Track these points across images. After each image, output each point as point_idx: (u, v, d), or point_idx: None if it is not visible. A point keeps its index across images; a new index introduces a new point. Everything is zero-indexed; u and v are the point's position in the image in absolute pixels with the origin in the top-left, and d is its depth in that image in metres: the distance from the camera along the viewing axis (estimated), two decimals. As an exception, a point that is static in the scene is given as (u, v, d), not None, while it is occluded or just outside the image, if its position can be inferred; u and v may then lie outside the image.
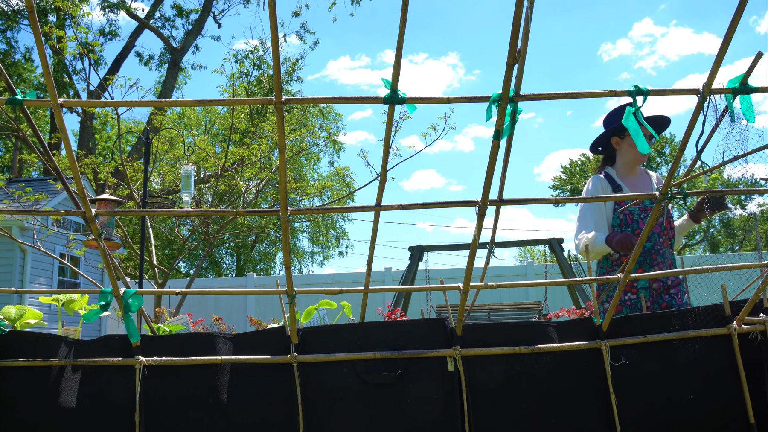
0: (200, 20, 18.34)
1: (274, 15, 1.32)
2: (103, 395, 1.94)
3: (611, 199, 2.84)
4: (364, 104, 18.24)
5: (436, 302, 11.88)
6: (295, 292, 1.88)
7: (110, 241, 4.96)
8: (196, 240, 10.35)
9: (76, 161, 1.65)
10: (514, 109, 1.50)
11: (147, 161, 7.28)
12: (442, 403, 1.91)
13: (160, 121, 10.27)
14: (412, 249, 10.42)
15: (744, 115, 1.53)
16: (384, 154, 1.67)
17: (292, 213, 1.72)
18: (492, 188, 1.63)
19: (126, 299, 1.89)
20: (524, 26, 1.34)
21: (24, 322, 2.22)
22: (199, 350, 1.97)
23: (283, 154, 1.60)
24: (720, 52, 1.41)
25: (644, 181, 3.22)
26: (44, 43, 1.40)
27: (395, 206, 1.71)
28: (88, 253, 11.28)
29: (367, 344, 1.97)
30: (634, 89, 1.51)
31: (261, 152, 9.47)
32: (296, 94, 19.05)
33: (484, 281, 2.03)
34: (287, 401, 1.93)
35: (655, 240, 3.02)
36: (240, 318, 13.62)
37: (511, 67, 1.40)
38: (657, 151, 30.35)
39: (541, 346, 1.95)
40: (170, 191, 10.77)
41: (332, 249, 29.57)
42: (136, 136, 14.64)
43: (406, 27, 1.39)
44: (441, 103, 1.53)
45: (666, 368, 1.94)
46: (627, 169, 3.20)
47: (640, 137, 1.57)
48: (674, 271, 1.98)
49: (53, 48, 7.48)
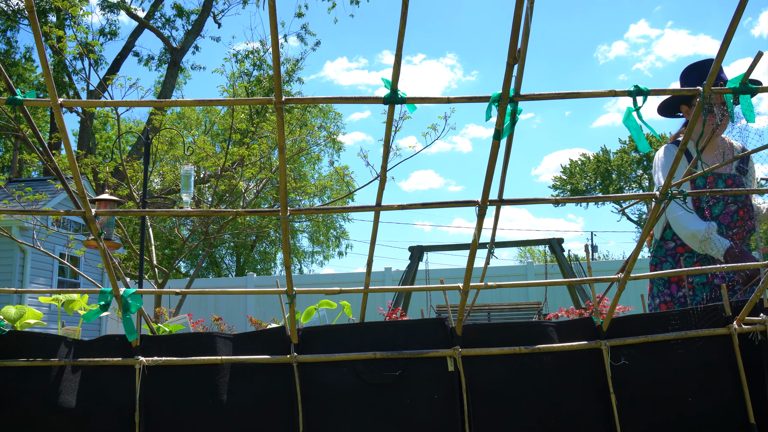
0: (200, 20, 18.33)
1: (274, 15, 1.32)
2: (103, 395, 1.94)
3: (608, 199, 2.82)
4: (363, 105, 18.17)
5: (436, 302, 11.87)
6: (295, 292, 1.88)
7: (110, 241, 4.96)
8: (196, 240, 10.35)
9: (76, 161, 1.65)
10: (514, 109, 1.50)
11: (147, 161, 7.28)
12: (442, 403, 1.91)
13: (160, 121, 10.27)
14: (412, 249, 10.42)
15: (744, 115, 1.53)
16: (384, 154, 1.67)
17: (292, 213, 1.72)
18: (492, 188, 1.63)
19: (126, 299, 1.89)
20: (524, 26, 1.34)
21: (24, 322, 2.22)
22: (199, 350, 1.97)
23: (283, 154, 1.60)
24: (720, 52, 1.41)
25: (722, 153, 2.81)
26: (44, 43, 1.40)
27: (395, 206, 1.71)
28: (88, 253, 11.28)
29: (367, 344, 1.97)
30: (634, 89, 1.51)
31: (261, 152, 9.47)
32: (296, 94, 19.04)
33: (484, 281, 2.03)
34: (287, 401, 1.93)
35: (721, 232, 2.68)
36: (240, 318, 13.61)
37: (511, 67, 1.40)
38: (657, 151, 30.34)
39: (541, 346, 1.95)
40: (170, 191, 10.77)
41: (332, 249, 29.57)
42: (136, 136, 14.65)
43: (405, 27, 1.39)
44: (441, 102, 1.53)
45: (666, 368, 1.94)
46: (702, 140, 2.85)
47: (641, 138, 1.57)
48: (674, 272, 1.98)
49: (53, 48, 7.49)
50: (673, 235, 2.77)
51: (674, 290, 2.72)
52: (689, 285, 2.68)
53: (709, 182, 2.74)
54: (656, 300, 2.76)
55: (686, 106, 2.82)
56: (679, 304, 2.68)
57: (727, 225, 2.68)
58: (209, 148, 10.43)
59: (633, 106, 1.54)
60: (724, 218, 2.69)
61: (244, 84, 15.02)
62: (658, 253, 2.80)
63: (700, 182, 2.74)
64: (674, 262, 2.73)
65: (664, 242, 2.79)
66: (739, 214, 2.70)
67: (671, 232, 2.77)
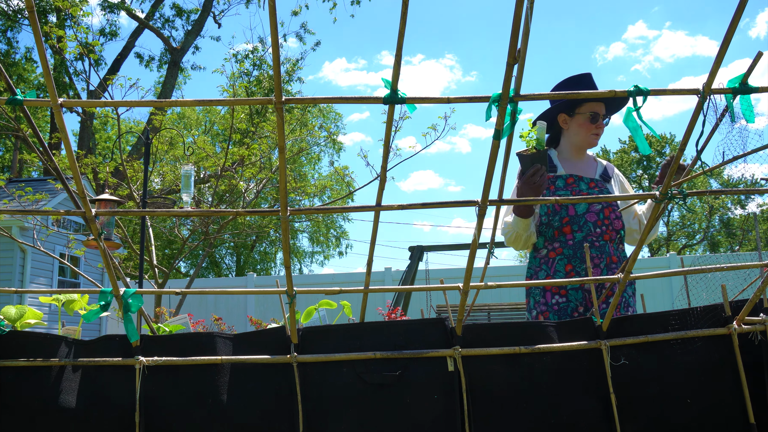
0: (200, 20, 18.34)
1: (274, 15, 1.32)
2: (103, 395, 1.94)
3: (608, 199, 2.81)
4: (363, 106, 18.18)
5: (436, 302, 11.88)
6: (295, 292, 1.88)
7: (110, 241, 4.96)
8: (196, 240, 10.35)
9: (76, 161, 1.65)
10: (514, 109, 1.50)
11: (147, 161, 7.28)
12: (442, 403, 1.91)
13: (160, 121, 10.27)
14: (412, 249, 10.43)
15: (744, 115, 1.53)
16: (384, 154, 1.67)
17: (292, 213, 1.72)
18: (492, 188, 1.63)
19: (126, 299, 1.89)
20: (524, 26, 1.34)
21: (24, 322, 2.22)
22: (199, 350, 1.97)
23: (283, 154, 1.60)
24: (720, 51, 1.41)
25: (590, 168, 2.83)
26: (44, 43, 1.40)
27: (395, 206, 1.71)
28: (88, 253, 11.29)
29: (366, 344, 1.97)
30: (634, 89, 1.51)
31: (261, 152, 9.48)
32: (296, 94, 19.05)
33: (484, 281, 2.03)
34: (287, 401, 1.93)
35: (588, 230, 2.66)
36: (240, 318, 13.62)
37: (511, 67, 1.40)
38: (657, 151, 30.35)
39: (541, 346, 1.95)
40: (170, 191, 10.77)
41: (332, 249, 29.59)
42: (136, 136, 14.65)
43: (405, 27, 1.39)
44: (441, 103, 1.53)
45: (666, 368, 1.94)
46: (573, 153, 2.81)
47: (641, 137, 1.57)
48: (676, 271, 1.98)
49: (53, 48, 7.49)
50: (544, 242, 2.72)
51: (549, 298, 2.67)
52: (563, 291, 2.64)
53: (570, 183, 2.73)
54: (533, 312, 2.71)
55: (565, 115, 2.79)
56: (553, 312, 2.64)
57: (594, 223, 2.67)
58: (209, 148, 10.43)
59: (633, 106, 1.54)
60: (591, 216, 2.67)
61: (244, 84, 15.03)
62: (533, 264, 2.77)
63: (560, 183, 2.73)
64: (548, 269, 2.68)
65: (537, 251, 2.75)
66: (605, 213, 2.69)
67: (542, 240, 2.72)
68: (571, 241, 2.67)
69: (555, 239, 2.70)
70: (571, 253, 2.65)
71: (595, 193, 2.74)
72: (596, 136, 2.77)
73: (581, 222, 2.67)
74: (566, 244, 2.67)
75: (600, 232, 2.67)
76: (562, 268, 2.66)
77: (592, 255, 2.64)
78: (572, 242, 2.66)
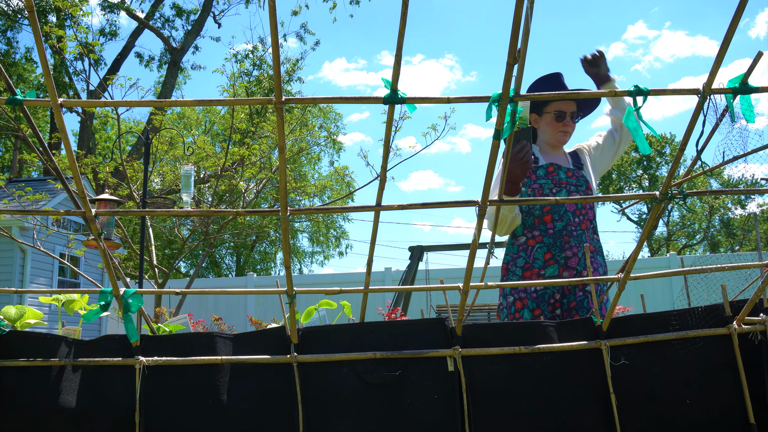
0: (200, 20, 18.33)
1: (274, 15, 1.32)
2: (103, 395, 1.94)
3: (608, 199, 2.81)
4: (363, 106, 18.16)
5: (436, 302, 11.88)
6: (295, 292, 1.88)
7: (110, 241, 4.96)
8: (196, 240, 10.35)
9: (76, 161, 1.65)
10: (514, 109, 1.50)
11: (147, 161, 7.28)
12: (442, 403, 1.91)
13: (160, 121, 10.27)
14: (412, 249, 10.43)
15: (744, 115, 1.53)
16: (384, 154, 1.67)
17: (292, 213, 1.72)
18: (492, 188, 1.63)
19: (126, 299, 1.89)
20: (524, 26, 1.34)
21: (24, 322, 2.22)
22: (199, 350, 1.97)
23: (283, 154, 1.60)
24: (720, 51, 1.41)
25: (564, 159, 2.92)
26: (44, 43, 1.40)
27: (395, 206, 1.71)
28: (88, 253, 11.28)
29: (367, 344, 1.97)
30: (634, 89, 1.51)
31: (261, 152, 9.47)
32: (296, 94, 19.04)
33: (484, 281, 2.03)
34: (287, 401, 1.93)
35: (568, 219, 2.69)
36: (240, 318, 13.61)
37: (511, 66, 1.40)
38: (657, 151, 30.36)
39: (541, 346, 1.95)
40: (170, 191, 10.77)
41: (332, 249, 29.57)
42: (136, 136, 14.65)
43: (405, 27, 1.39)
44: (441, 102, 1.53)
45: (666, 368, 1.94)
46: (547, 149, 2.91)
47: (641, 137, 1.57)
48: (676, 271, 1.98)
49: (53, 48, 7.49)
50: (524, 229, 2.76)
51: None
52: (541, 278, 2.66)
53: (550, 171, 2.79)
54: (509, 298, 2.73)
55: (535, 114, 2.89)
56: (531, 299, 2.66)
57: (573, 212, 2.72)
58: (209, 148, 10.43)
59: (633, 106, 1.54)
60: (570, 206, 2.72)
61: (244, 84, 15.01)
62: (510, 250, 2.81)
63: (541, 172, 2.78)
64: (527, 256, 2.72)
65: (515, 239, 2.79)
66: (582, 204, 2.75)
67: (521, 227, 2.77)
68: (551, 230, 2.70)
69: (535, 227, 2.74)
70: (551, 241, 2.69)
71: (572, 181, 2.81)
72: (564, 134, 2.85)
73: (561, 211, 2.72)
74: (546, 233, 2.71)
75: (578, 221, 2.72)
76: (540, 256, 2.70)
77: (571, 243, 2.68)
78: (552, 231, 2.70)
